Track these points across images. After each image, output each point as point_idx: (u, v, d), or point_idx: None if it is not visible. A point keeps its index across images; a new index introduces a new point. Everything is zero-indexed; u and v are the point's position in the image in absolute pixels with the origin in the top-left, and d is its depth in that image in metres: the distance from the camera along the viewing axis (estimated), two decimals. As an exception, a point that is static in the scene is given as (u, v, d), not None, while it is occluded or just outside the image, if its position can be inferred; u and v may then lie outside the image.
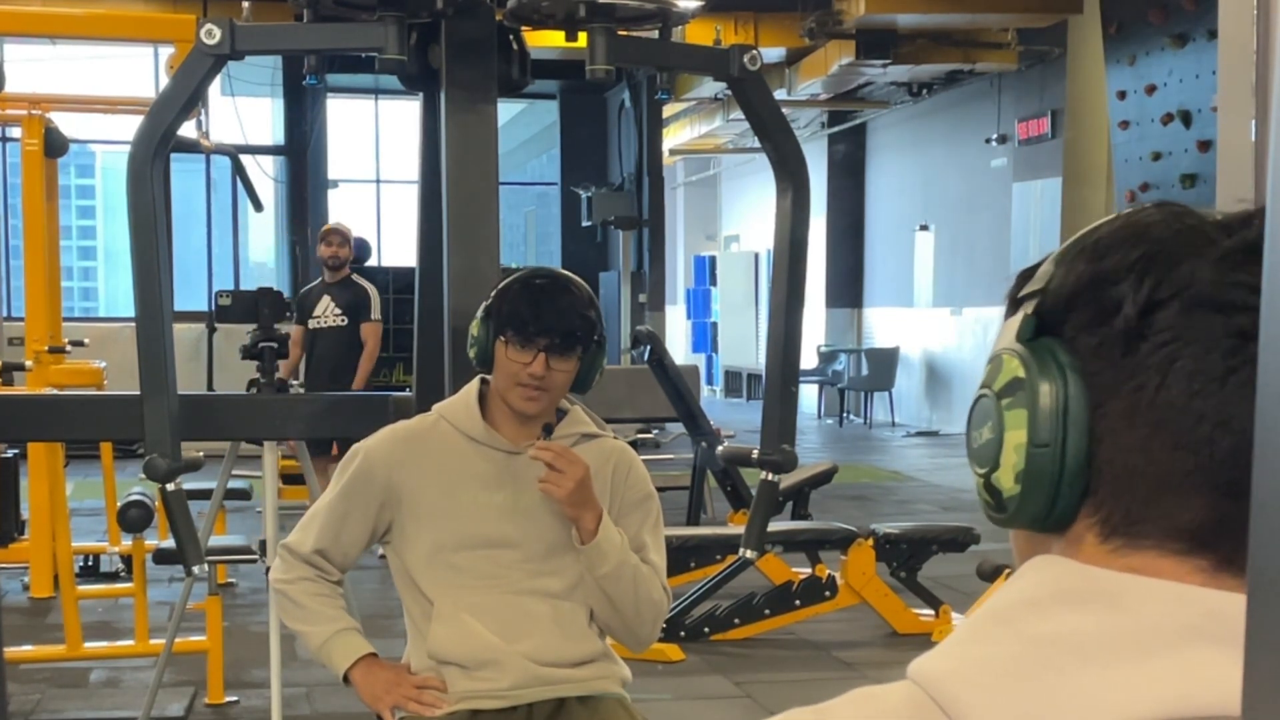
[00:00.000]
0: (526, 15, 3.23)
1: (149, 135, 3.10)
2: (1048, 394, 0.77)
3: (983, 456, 0.82)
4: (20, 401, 4.16)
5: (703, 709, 5.02)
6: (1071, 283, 0.79)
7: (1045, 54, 12.60)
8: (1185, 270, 0.75)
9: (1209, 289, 0.74)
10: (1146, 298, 0.76)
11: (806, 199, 3.50)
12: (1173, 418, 0.74)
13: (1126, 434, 0.76)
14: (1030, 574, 0.79)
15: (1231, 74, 1.88)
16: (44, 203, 6.20)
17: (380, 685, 2.55)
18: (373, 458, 2.59)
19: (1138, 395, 0.75)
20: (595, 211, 14.93)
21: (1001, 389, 0.80)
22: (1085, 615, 0.74)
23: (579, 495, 2.46)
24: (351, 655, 2.57)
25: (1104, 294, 0.77)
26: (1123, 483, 0.76)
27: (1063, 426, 0.77)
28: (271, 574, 2.69)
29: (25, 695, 4.97)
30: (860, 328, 17.37)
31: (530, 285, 2.57)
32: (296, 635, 2.68)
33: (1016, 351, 0.80)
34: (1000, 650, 0.75)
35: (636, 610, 2.54)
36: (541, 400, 2.53)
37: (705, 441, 7.78)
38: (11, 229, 14.19)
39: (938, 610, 5.92)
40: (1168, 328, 0.75)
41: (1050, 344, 0.79)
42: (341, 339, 7.96)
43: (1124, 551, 0.76)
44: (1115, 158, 8.95)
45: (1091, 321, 0.78)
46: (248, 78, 13.63)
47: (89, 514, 8.06)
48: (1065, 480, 0.77)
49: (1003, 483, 0.80)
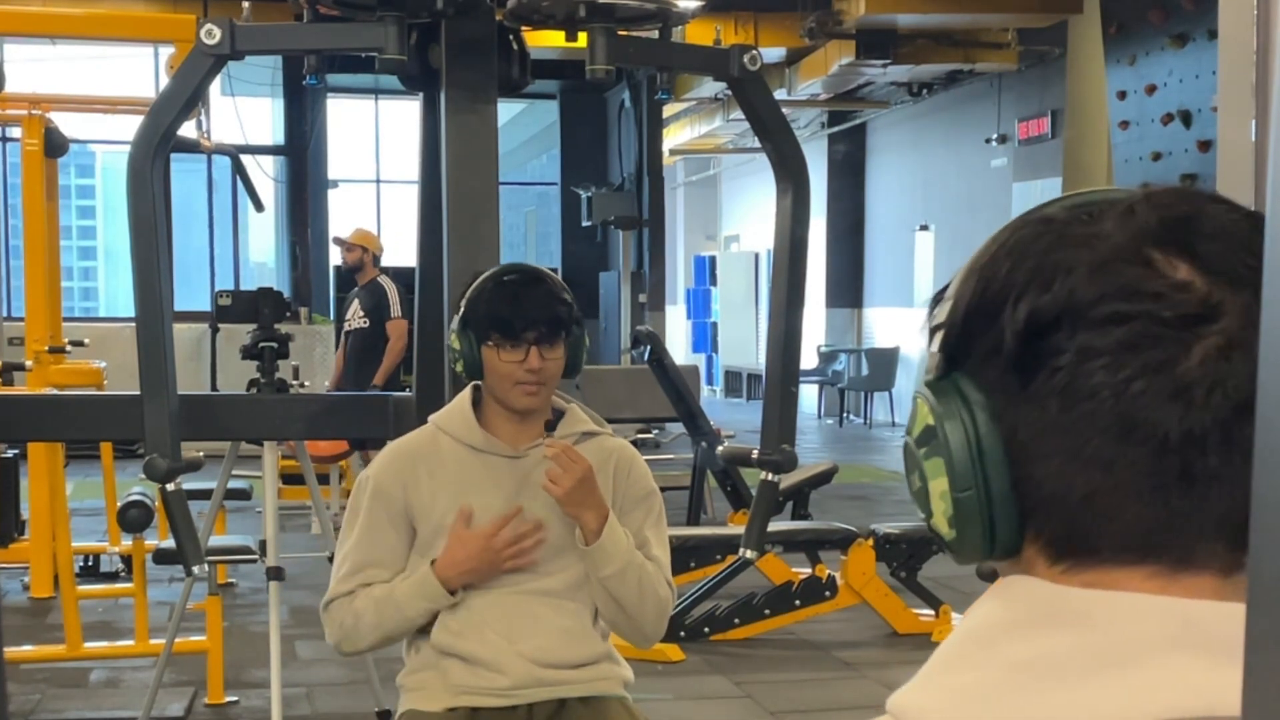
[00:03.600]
0: (526, 15, 3.23)
1: (149, 135, 3.10)
2: (959, 439, 0.77)
3: (918, 502, 0.82)
4: (20, 401, 4.17)
5: (703, 709, 5.02)
6: (963, 312, 0.79)
7: (1045, 54, 12.60)
8: (1062, 288, 0.74)
9: (1088, 306, 0.73)
10: (1024, 325, 0.75)
11: (806, 199, 3.51)
12: (1079, 439, 0.74)
13: (1043, 462, 0.75)
14: (1000, 595, 0.78)
15: (1231, 74, 1.88)
16: (44, 203, 6.20)
17: (471, 558, 2.48)
18: (383, 479, 2.56)
19: (1043, 422, 0.75)
20: (595, 211, 14.93)
21: (919, 437, 0.80)
22: (1058, 635, 0.74)
23: (579, 494, 2.45)
24: (425, 580, 2.49)
25: (992, 323, 0.77)
26: (1053, 508, 0.76)
27: (981, 469, 0.76)
28: (331, 638, 2.58)
29: (25, 695, 4.97)
30: (860, 328, 17.37)
31: (503, 284, 2.56)
32: (404, 629, 2.55)
33: (926, 396, 0.79)
34: (978, 677, 0.75)
35: (641, 608, 2.54)
36: (541, 394, 2.54)
37: (705, 441, 7.78)
38: (11, 229, 14.20)
39: (938, 610, 5.91)
40: (1058, 351, 0.74)
41: (958, 381, 0.78)
42: (364, 340, 8.43)
43: (1074, 571, 0.76)
44: (1115, 158, 8.94)
45: (989, 352, 0.77)
46: (248, 78, 13.63)
47: (89, 514, 8.06)
48: (997, 517, 0.77)
49: (940, 528, 0.80)
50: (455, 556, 2.48)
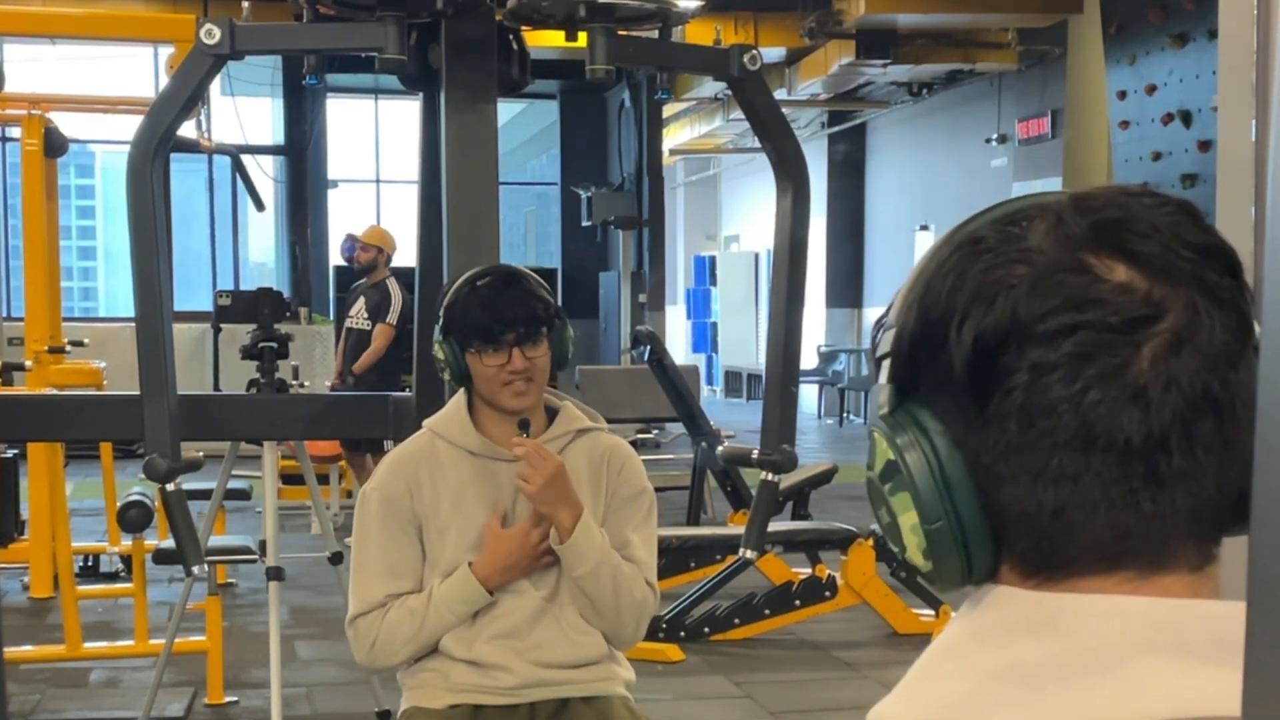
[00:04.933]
0: (526, 15, 3.23)
1: (149, 135, 3.10)
2: (923, 471, 0.76)
3: (889, 537, 0.81)
4: (20, 401, 4.17)
5: (703, 709, 5.02)
6: (908, 341, 0.78)
7: (1045, 54, 12.60)
8: (1004, 307, 0.73)
9: (1034, 322, 0.73)
10: (972, 349, 0.74)
11: (806, 199, 3.50)
12: (1043, 457, 0.73)
13: (1009, 484, 0.75)
14: (975, 605, 0.79)
15: (1231, 74, 1.88)
16: (44, 203, 6.20)
17: (511, 555, 2.49)
18: (389, 489, 2.55)
19: (1004, 444, 0.74)
20: (595, 211, 14.93)
21: (881, 472, 0.79)
22: (1032, 642, 0.73)
23: (551, 492, 2.45)
24: (466, 581, 2.49)
25: (939, 350, 0.76)
26: (1024, 527, 0.75)
27: (949, 498, 0.76)
28: (360, 655, 2.56)
29: (25, 695, 4.97)
30: (860, 328, 17.36)
31: (477, 288, 2.56)
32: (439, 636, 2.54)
33: (883, 430, 0.78)
34: (953, 686, 0.75)
35: (617, 610, 2.54)
36: (531, 392, 2.54)
37: (705, 441, 7.77)
38: (11, 229, 14.19)
39: (938, 610, 5.91)
40: (1010, 371, 0.73)
41: (913, 410, 0.77)
42: (363, 340, 8.38)
43: (1049, 584, 0.76)
44: (1115, 158, 8.94)
45: (940, 379, 0.76)
46: (248, 78, 13.63)
47: (89, 514, 8.06)
48: (971, 544, 0.76)
49: (916, 561, 0.79)
50: (496, 554, 2.49)
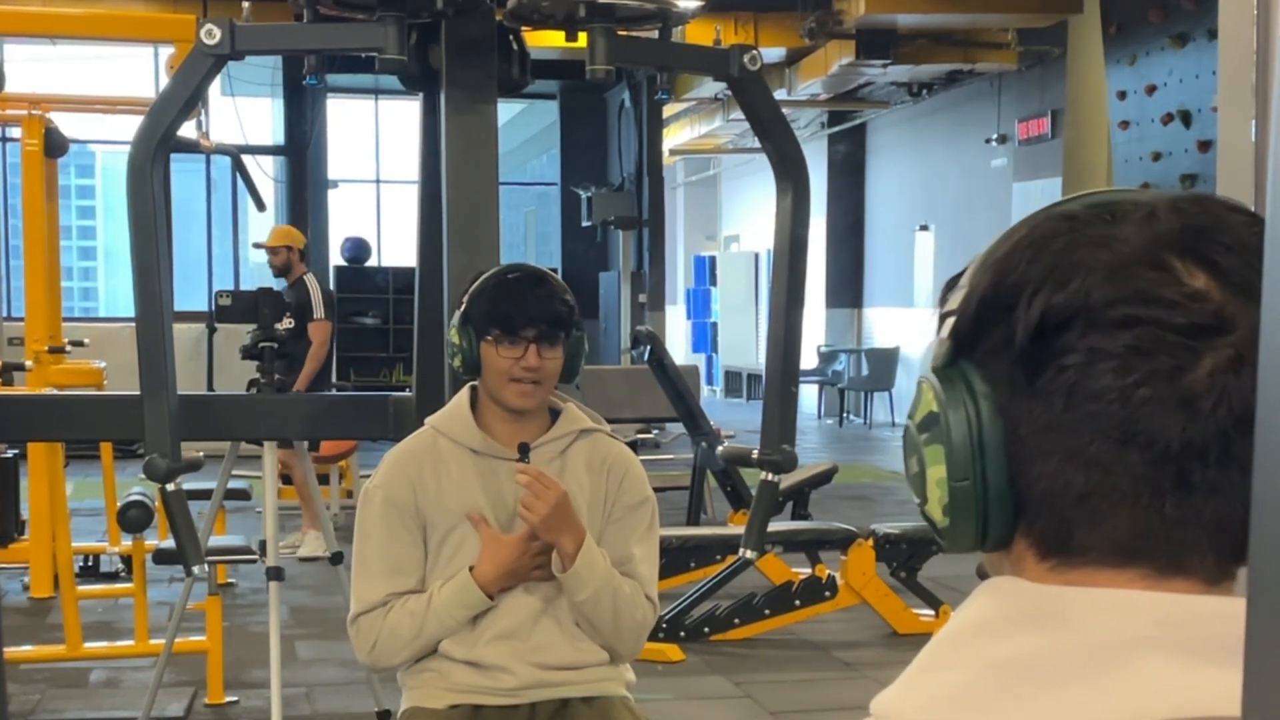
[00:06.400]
0: (526, 15, 3.23)
1: (149, 135, 3.10)
2: (961, 429, 0.77)
3: (914, 487, 0.82)
4: (20, 401, 4.16)
5: (703, 709, 5.02)
6: (977, 302, 0.78)
7: (1045, 54, 12.60)
8: (1078, 288, 0.74)
9: (1102, 308, 0.73)
10: (1038, 322, 0.75)
11: (806, 199, 3.50)
12: (1081, 439, 0.74)
13: (1042, 459, 0.75)
14: (981, 596, 0.79)
15: (1231, 74, 1.88)
16: (44, 203, 6.20)
17: (512, 561, 2.48)
18: (392, 487, 2.55)
19: (1046, 419, 0.75)
20: (595, 211, 14.94)
21: (920, 422, 0.80)
22: (1034, 635, 0.74)
23: (554, 520, 2.43)
24: (466, 586, 2.48)
25: (1006, 316, 0.76)
26: (1047, 504, 0.76)
27: (980, 460, 0.76)
28: (361, 654, 2.56)
29: (25, 695, 4.97)
30: (860, 328, 17.37)
31: (505, 281, 2.57)
32: (440, 639, 2.54)
33: (932, 382, 0.79)
34: (955, 678, 0.75)
35: (617, 631, 2.54)
36: (537, 394, 2.53)
37: (705, 441, 7.78)
38: (11, 229, 14.19)
39: (938, 610, 5.91)
40: (1067, 350, 0.74)
41: (965, 370, 0.78)
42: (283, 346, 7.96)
43: (1061, 569, 0.76)
44: (1115, 158, 8.93)
45: (1000, 345, 0.77)
46: (248, 78, 13.63)
47: (89, 514, 8.06)
48: (991, 511, 0.77)
49: (933, 515, 0.80)
50: (496, 559, 2.48)
